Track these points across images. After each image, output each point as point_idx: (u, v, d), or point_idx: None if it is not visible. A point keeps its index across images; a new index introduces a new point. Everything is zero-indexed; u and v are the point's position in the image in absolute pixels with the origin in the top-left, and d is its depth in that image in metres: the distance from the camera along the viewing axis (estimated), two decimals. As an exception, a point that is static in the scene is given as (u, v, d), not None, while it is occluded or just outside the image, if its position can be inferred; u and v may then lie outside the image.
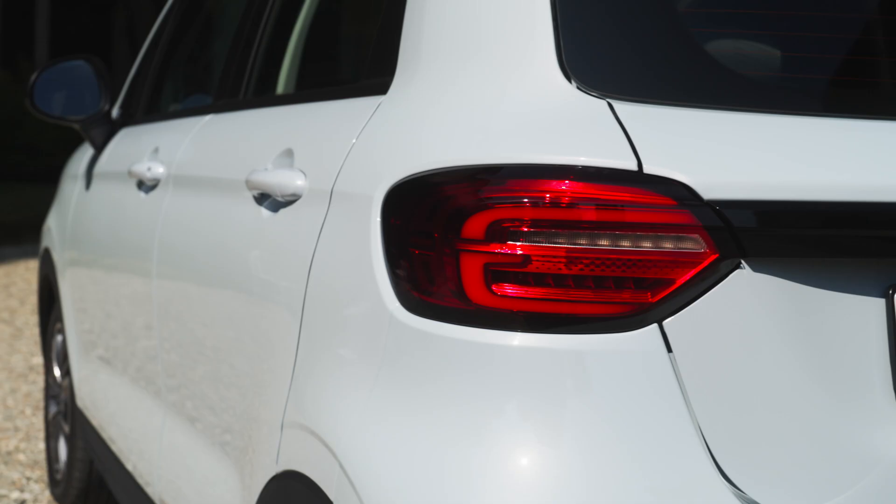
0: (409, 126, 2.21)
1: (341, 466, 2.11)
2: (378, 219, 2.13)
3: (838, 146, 2.07)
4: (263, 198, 2.68)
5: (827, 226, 1.99)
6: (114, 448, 4.14)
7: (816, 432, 2.00)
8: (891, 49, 2.46)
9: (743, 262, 1.96)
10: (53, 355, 5.44)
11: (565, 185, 1.95)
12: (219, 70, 3.71)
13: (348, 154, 2.33)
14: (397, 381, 2.07)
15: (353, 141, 2.33)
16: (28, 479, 5.57)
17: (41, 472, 5.65)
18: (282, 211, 2.57)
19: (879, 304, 2.03)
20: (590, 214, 1.94)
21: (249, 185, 2.71)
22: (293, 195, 2.51)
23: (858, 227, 2.00)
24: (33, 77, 4.50)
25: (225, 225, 2.93)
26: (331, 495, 2.14)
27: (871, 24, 2.46)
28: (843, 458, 2.00)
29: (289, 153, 2.61)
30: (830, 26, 2.35)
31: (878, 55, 2.44)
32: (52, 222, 5.36)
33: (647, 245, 1.95)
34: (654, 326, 1.95)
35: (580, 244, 1.95)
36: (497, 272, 1.97)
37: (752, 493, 1.96)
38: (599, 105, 2.02)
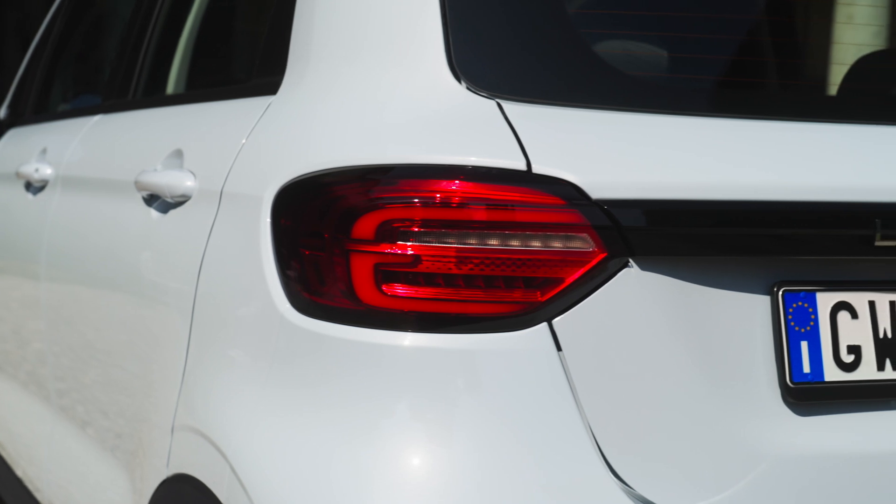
0: (298, 126, 2.20)
1: (232, 469, 2.09)
2: (268, 219, 2.12)
3: (725, 146, 2.10)
4: (153, 199, 2.65)
5: (713, 225, 2.01)
6: (3, 454, 4.07)
7: (705, 428, 2.02)
8: (775, 50, 2.51)
9: (631, 260, 1.98)
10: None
11: (455, 186, 1.95)
12: (108, 69, 3.66)
13: (238, 155, 2.31)
14: (288, 382, 2.06)
15: (243, 141, 2.32)
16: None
17: (-71, 479, 5.54)
18: (171, 212, 2.55)
19: (765, 301, 2.07)
20: (479, 214, 1.95)
21: (138, 186, 2.68)
22: (183, 196, 2.49)
23: (744, 225, 2.03)
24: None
25: (114, 226, 2.89)
26: (222, 498, 2.13)
27: (755, 26, 2.51)
28: (730, 454, 2.02)
29: (178, 154, 2.59)
30: (716, 28, 2.38)
31: (763, 56, 2.48)
32: (-61, 224, 5.26)
33: (536, 244, 1.96)
34: (544, 325, 1.96)
35: (470, 244, 1.95)
36: (387, 272, 1.97)
37: (641, 490, 1.98)
38: (489, 105, 2.02)
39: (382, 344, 1.97)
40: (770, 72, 2.52)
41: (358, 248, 1.98)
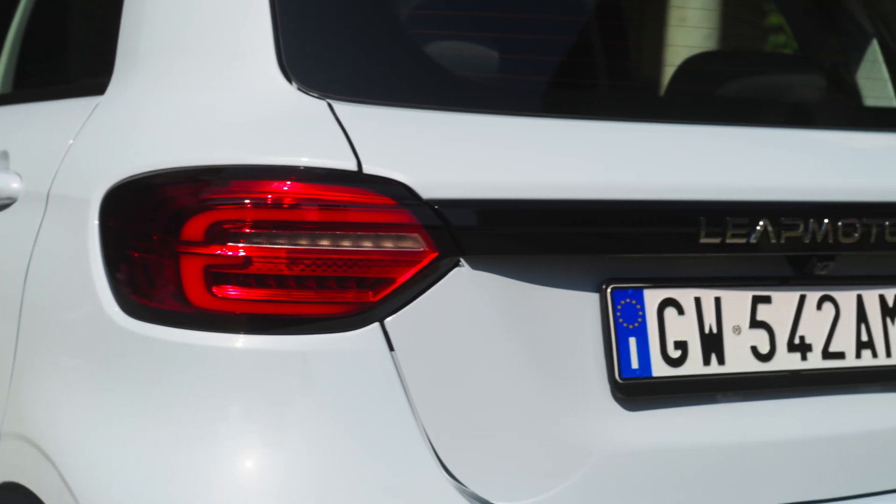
0: (127, 127, 2.17)
1: (62, 477, 2.06)
2: (96, 222, 2.09)
3: (554, 146, 2.13)
4: (-22, 202, 2.59)
5: (542, 224, 2.04)
6: None
7: (537, 425, 2.05)
8: (607, 52, 2.55)
9: (462, 260, 2.00)
10: None
11: (286, 186, 1.95)
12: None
13: (65, 156, 2.27)
14: (119, 387, 2.03)
15: (70, 142, 2.28)
16: None
17: None
18: (-3, 215, 2.49)
19: (594, 298, 2.10)
20: (311, 215, 1.95)
21: (-37, 188, 2.61)
22: (8, 198, 2.44)
23: (573, 224, 2.06)
24: None
25: (-61, 230, 2.82)
26: (51, 506, 2.09)
27: (587, 28, 2.54)
28: (562, 450, 2.05)
29: (4, 155, 2.54)
30: (549, 30, 2.41)
31: (594, 58, 2.52)
32: None
33: (367, 245, 1.96)
34: (376, 325, 1.96)
35: (301, 245, 1.95)
36: (218, 274, 1.95)
37: (473, 487, 2.00)
38: (320, 105, 2.02)
39: (214, 346, 1.96)
40: (601, 73, 2.56)
41: (187, 249, 1.96)
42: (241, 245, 1.94)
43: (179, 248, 1.97)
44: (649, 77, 2.90)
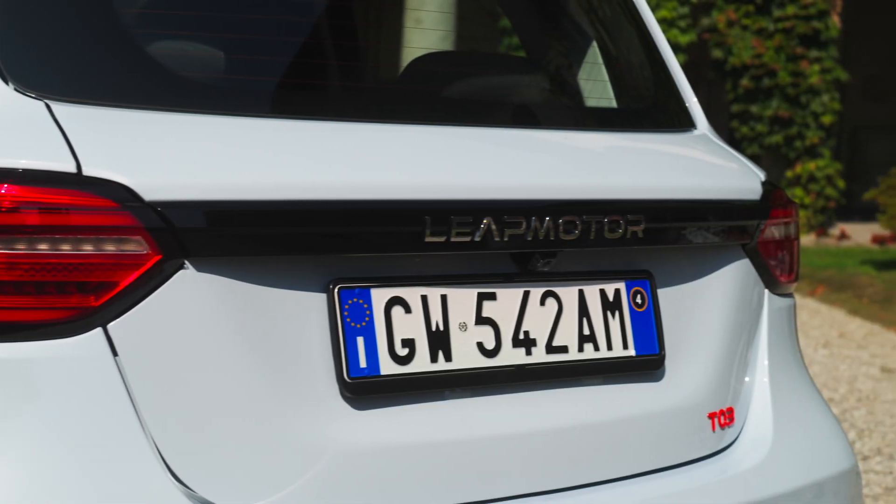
0: None
1: None
2: None
3: (278, 146, 2.13)
4: None
5: (267, 224, 2.03)
6: None
7: (266, 428, 2.04)
8: (335, 53, 2.56)
9: (187, 262, 1.97)
10: None
11: (3, 190, 1.90)
12: None
13: None
14: None
15: None
16: None
17: None
18: None
19: (322, 299, 2.10)
20: (29, 218, 1.90)
21: None
22: None
23: (297, 225, 2.06)
24: None
25: None
26: None
27: (317, 28, 2.55)
28: (292, 451, 2.05)
29: None
30: (277, 30, 2.41)
31: (322, 59, 2.53)
32: None
33: (88, 248, 1.92)
34: (99, 330, 1.93)
35: (19, 249, 1.89)
36: None
37: (202, 492, 1.98)
38: (37, 106, 1.97)
39: None
40: (331, 74, 2.56)
41: None
42: None
43: None
44: (380, 78, 2.93)
